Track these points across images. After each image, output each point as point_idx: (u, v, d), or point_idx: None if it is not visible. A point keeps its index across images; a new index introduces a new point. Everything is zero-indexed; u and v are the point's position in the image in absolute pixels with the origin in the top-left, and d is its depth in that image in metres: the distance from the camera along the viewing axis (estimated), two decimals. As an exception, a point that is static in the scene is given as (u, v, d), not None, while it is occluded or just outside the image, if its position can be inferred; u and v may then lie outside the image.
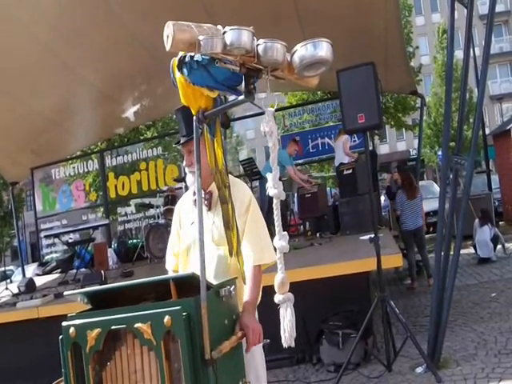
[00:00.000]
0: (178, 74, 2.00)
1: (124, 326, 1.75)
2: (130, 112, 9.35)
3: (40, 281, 8.06)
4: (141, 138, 16.94)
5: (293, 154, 8.69)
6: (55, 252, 12.92)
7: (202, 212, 1.97)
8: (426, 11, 36.80)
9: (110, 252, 9.00)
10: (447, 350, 4.43)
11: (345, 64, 4.55)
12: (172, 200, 8.11)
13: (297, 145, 8.80)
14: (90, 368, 1.78)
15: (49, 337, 2.62)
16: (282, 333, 1.90)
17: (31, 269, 12.56)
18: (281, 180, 1.89)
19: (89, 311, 1.93)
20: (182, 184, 7.77)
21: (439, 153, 26.32)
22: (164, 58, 2.13)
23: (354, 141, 9.46)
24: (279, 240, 1.87)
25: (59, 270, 9.47)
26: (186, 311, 1.69)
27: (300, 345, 1.94)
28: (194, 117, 2.02)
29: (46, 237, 10.81)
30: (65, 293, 2.05)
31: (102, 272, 6.31)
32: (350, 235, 7.12)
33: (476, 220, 8.89)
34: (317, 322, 4.67)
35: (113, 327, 1.76)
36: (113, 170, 11.70)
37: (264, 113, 1.81)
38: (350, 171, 7.81)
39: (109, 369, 1.80)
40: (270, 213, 1.90)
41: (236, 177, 2.75)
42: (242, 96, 1.79)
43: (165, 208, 8.37)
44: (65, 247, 10.71)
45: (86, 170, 12.31)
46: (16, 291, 6.81)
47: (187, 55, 1.87)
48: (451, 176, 4.75)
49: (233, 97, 1.93)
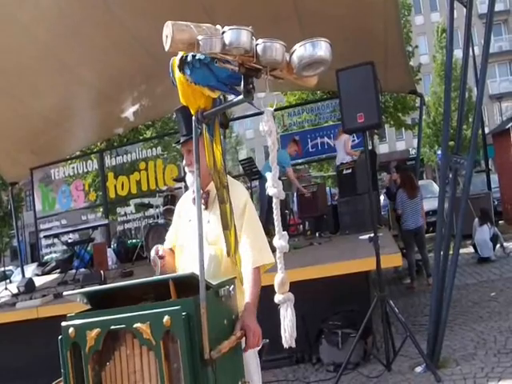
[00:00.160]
0: (178, 74, 2.00)
1: (123, 326, 1.75)
2: (130, 112, 9.35)
3: (39, 281, 8.07)
4: (140, 138, 16.93)
5: (293, 155, 8.66)
6: (54, 252, 12.92)
7: (201, 211, 1.97)
8: (426, 10, 36.83)
9: (110, 252, 9.01)
10: (447, 350, 4.44)
11: (344, 64, 4.55)
12: (171, 200, 8.11)
13: (297, 145, 8.79)
14: (90, 368, 1.78)
15: (48, 337, 2.61)
16: (283, 333, 1.89)
17: (30, 269, 12.58)
18: (280, 179, 1.89)
19: (88, 311, 1.93)
20: (182, 184, 7.77)
21: (438, 152, 26.31)
22: (163, 58, 2.13)
23: (354, 140, 9.45)
24: (279, 239, 1.86)
25: (59, 270, 9.48)
26: (186, 311, 1.68)
27: (299, 344, 1.93)
28: (193, 116, 2.02)
29: (46, 237, 10.78)
30: (64, 293, 2.05)
31: (102, 272, 6.32)
32: (350, 235, 7.13)
33: (475, 219, 8.88)
34: (316, 322, 4.67)
35: (112, 327, 1.76)
36: (112, 170, 11.70)
37: (263, 113, 1.81)
38: (350, 171, 7.82)
39: (108, 369, 1.79)
40: (271, 212, 1.89)
41: (236, 176, 2.74)
42: (241, 96, 1.78)
43: (164, 208, 8.37)
44: (64, 247, 10.71)
45: (86, 170, 12.30)
46: (15, 291, 6.80)
47: (189, 55, 1.87)
48: (450, 175, 4.75)
49: (232, 96, 1.93)
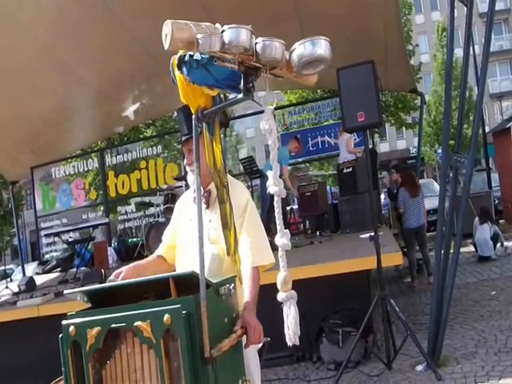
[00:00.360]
0: (178, 73, 2.00)
1: (124, 325, 1.75)
2: (130, 111, 9.36)
3: (40, 279, 8.06)
4: (141, 137, 16.94)
5: (293, 151, 8.69)
6: (55, 251, 12.91)
7: (202, 210, 1.96)
8: (426, 9, 36.80)
9: (110, 251, 9.02)
10: (447, 348, 4.44)
11: (344, 64, 4.55)
12: (172, 198, 8.11)
13: (298, 142, 8.81)
14: (90, 366, 1.78)
15: (49, 335, 2.61)
16: (286, 331, 1.89)
17: (31, 268, 12.56)
18: (281, 178, 1.88)
19: (89, 310, 1.93)
20: (182, 182, 7.78)
21: (439, 151, 26.30)
22: (163, 57, 2.13)
23: (355, 139, 9.45)
24: (281, 238, 1.86)
25: (59, 269, 9.49)
26: (186, 309, 1.68)
27: (300, 343, 1.93)
28: (193, 115, 2.02)
29: (46, 235, 10.82)
30: (65, 291, 2.05)
31: (102, 271, 6.34)
32: (350, 233, 7.13)
33: (476, 218, 8.88)
34: (317, 321, 4.67)
35: (113, 326, 1.76)
36: (113, 169, 11.69)
37: (263, 111, 1.80)
38: (350, 169, 7.82)
39: (109, 367, 1.80)
40: (272, 210, 1.89)
41: (236, 175, 2.74)
42: (241, 94, 1.78)
43: (165, 206, 8.37)
44: (65, 246, 10.71)
45: (86, 169, 12.29)
46: (16, 290, 6.81)
47: (187, 54, 1.87)
48: (451, 174, 4.75)
49: (233, 95, 1.93)
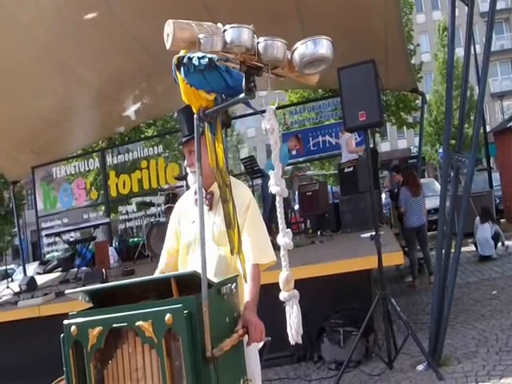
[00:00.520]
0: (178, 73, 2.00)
1: (125, 324, 1.75)
2: (131, 110, 9.35)
3: (41, 279, 8.08)
4: (141, 137, 16.94)
5: (292, 149, 8.70)
6: (56, 251, 12.93)
7: (203, 211, 1.96)
8: (427, 9, 36.77)
9: (111, 250, 9.02)
10: (448, 348, 4.43)
11: (345, 63, 4.55)
12: (173, 198, 8.12)
13: (298, 141, 8.81)
14: (92, 366, 1.78)
15: (50, 335, 2.62)
16: (289, 330, 1.89)
17: (32, 267, 12.57)
18: (282, 177, 1.89)
19: (90, 309, 1.92)
20: (183, 182, 7.78)
21: (440, 150, 26.33)
22: (163, 57, 2.13)
23: (356, 138, 9.46)
24: (283, 237, 1.86)
25: (60, 269, 9.51)
26: (188, 309, 1.68)
27: (301, 342, 1.93)
28: (195, 115, 2.02)
29: (47, 235, 10.82)
30: (66, 291, 2.05)
31: (103, 270, 6.33)
32: (351, 233, 7.13)
33: (477, 218, 8.87)
34: (318, 320, 4.67)
35: (114, 325, 1.76)
36: (114, 169, 11.69)
37: (265, 111, 1.80)
38: (351, 169, 7.81)
39: (110, 367, 1.79)
40: (273, 210, 1.89)
41: (237, 175, 2.74)
42: (243, 94, 1.78)
43: (166, 206, 8.39)
44: (66, 246, 10.71)
45: (87, 169, 12.28)
46: (17, 290, 6.82)
47: (186, 57, 1.86)
48: (452, 174, 4.74)
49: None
